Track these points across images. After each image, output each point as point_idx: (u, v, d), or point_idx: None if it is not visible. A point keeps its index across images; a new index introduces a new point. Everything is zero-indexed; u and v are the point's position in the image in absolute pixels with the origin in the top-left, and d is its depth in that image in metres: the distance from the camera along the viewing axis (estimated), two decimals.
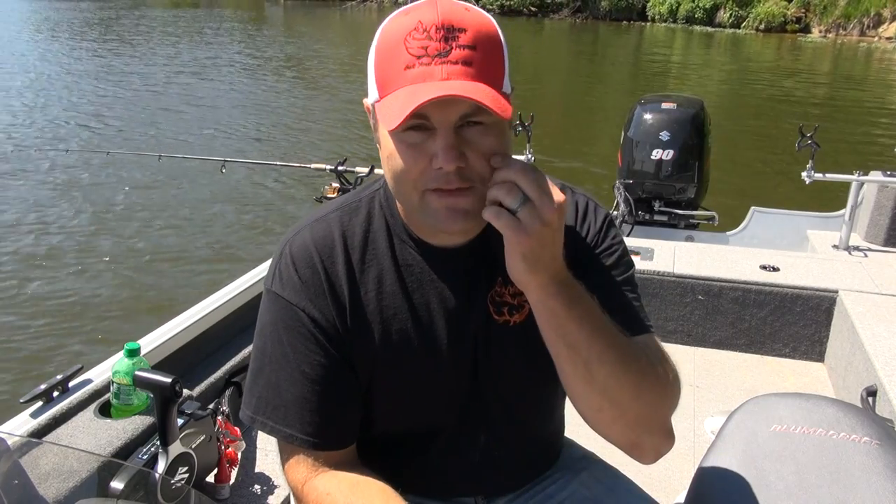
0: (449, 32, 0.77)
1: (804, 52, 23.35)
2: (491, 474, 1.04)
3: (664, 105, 3.93)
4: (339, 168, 3.36)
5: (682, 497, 1.06)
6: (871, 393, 2.19)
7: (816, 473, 0.93)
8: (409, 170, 0.81)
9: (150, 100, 12.09)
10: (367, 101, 0.87)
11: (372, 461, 0.96)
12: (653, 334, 0.95)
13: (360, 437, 0.96)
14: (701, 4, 30.94)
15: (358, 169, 3.38)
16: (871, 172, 3.37)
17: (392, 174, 0.84)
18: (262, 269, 2.39)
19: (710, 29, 30.13)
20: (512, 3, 34.92)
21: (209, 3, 36.91)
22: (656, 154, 3.83)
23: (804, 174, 3.35)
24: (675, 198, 3.94)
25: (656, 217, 3.98)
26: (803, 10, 29.07)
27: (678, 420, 2.66)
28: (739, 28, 29.56)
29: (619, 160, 4.03)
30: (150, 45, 20.14)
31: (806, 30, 28.70)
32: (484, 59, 0.79)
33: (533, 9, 34.98)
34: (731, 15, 30.22)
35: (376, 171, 3.31)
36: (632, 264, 0.99)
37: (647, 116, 3.92)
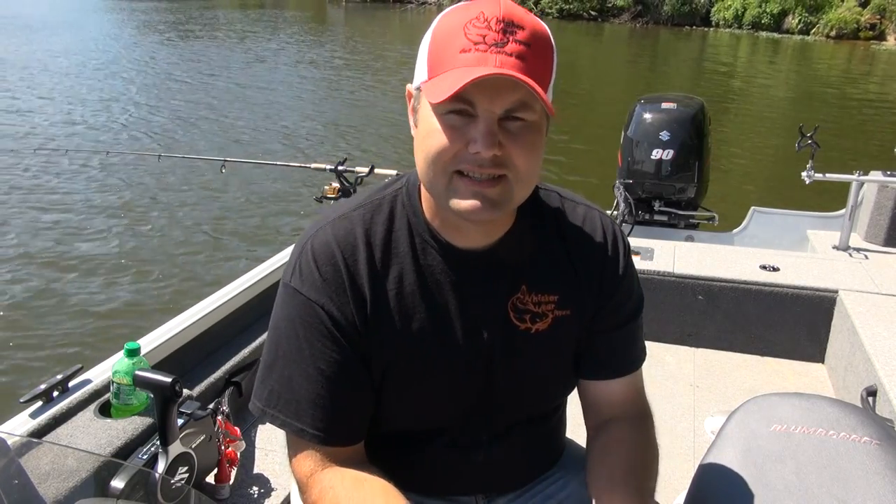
0: (508, 26, 0.80)
1: (878, 60, 22.02)
2: (492, 474, 1.05)
3: (664, 105, 3.92)
4: (339, 168, 3.36)
5: (682, 497, 1.06)
6: (871, 393, 2.19)
7: (816, 473, 0.93)
8: (444, 150, 0.82)
9: (205, 98, 12.08)
10: (411, 86, 0.88)
11: (374, 457, 0.96)
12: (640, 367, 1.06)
13: (367, 433, 0.96)
14: (768, 10, 29.50)
15: (358, 169, 3.38)
16: (871, 172, 3.36)
17: (426, 154, 0.84)
18: (262, 269, 2.40)
19: (777, 35, 28.62)
20: (571, 6, 33.78)
21: (274, 4, 36.94)
22: (656, 154, 3.82)
23: (804, 174, 3.34)
24: (675, 198, 3.93)
25: (656, 217, 3.98)
26: (878, 17, 27.32)
27: (678, 420, 2.64)
28: (808, 35, 28.01)
29: (619, 160, 4.02)
30: (223, 43, 20.09)
31: (881, 37, 27.00)
32: (536, 59, 0.81)
33: (593, 13, 33.86)
34: (800, 21, 28.68)
35: (376, 171, 3.30)
36: (642, 298, 1.07)
37: (647, 116, 3.91)
